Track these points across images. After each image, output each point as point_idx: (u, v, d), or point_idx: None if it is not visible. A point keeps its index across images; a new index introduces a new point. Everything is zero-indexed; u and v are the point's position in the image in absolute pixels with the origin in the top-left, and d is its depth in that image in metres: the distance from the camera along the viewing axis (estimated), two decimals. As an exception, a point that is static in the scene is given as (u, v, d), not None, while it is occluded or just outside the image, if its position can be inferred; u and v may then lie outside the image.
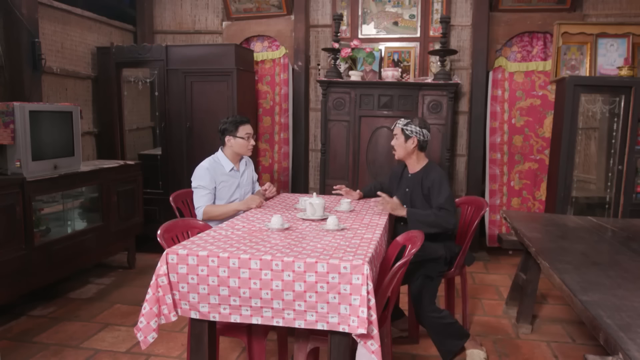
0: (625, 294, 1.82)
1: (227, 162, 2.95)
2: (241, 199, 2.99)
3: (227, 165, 2.94)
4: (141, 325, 1.92)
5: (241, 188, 3.01)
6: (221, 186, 2.89)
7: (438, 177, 2.70)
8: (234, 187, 2.96)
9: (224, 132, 2.93)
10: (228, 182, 2.93)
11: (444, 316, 2.59)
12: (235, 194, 2.96)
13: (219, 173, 2.89)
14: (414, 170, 2.83)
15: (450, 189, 2.71)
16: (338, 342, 1.85)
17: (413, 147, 2.75)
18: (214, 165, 2.90)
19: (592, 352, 2.12)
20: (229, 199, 2.93)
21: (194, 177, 2.87)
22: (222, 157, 2.96)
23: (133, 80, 4.71)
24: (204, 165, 2.89)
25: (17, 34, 3.51)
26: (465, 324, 2.97)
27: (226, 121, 2.94)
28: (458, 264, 2.84)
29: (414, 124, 2.75)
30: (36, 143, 3.10)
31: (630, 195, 3.92)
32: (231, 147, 2.94)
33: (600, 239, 2.69)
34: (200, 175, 2.85)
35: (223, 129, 2.93)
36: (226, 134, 2.92)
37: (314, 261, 1.80)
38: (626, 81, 3.84)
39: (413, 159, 2.81)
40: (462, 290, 2.98)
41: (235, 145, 2.93)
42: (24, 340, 2.84)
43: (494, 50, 4.48)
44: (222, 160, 2.95)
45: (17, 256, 2.94)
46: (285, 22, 4.81)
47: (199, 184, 2.83)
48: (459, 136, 4.73)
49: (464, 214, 3.07)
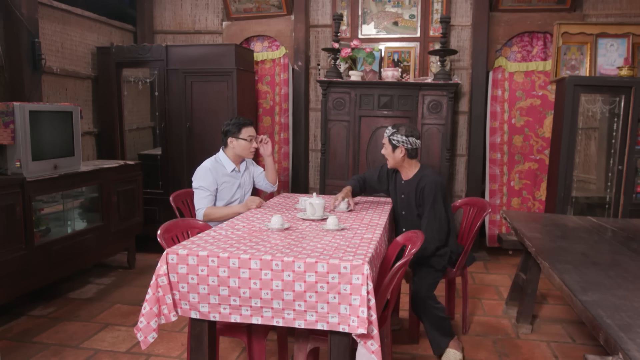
0: (625, 294, 1.82)
1: (229, 163, 2.95)
2: (242, 199, 2.99)
3: (228, 166, 2.94)
4: (141, 325, 1.92)
5: (242, 188, 3.02)
6: (223, 187, 2.89)
7: (430, 193, 2.63)
8: (235, 188, 2.97)
9: (227, 133, 2.93)
10: (229, 182, 2.93)
11: (439, 308, 2.61)
12: (236, 194, 2.97)
13: (221, 174, 2.89)
14: (408, 177, 2.79)
15: (442, 205, 2.65)
16: (338, 342, 1.85)
17: (402, 157, 2.71)
18: (216, 165, 2.90)
19: (592, 352, 2.12)
20: (230, 199, 2.93)
21: (196, 177, 2.86)
22: (223, 157, 2.96)
23: (133, 80, 4.71)
24: (206, 165, 2.88)
25: (17, 34, 3.51)
26: (465, 325, 2.98)
27: (229, 122, 2.95)
28: (460, 265, 2.84)
29: (399, 134, 2.68)
30: (36, 143, 3.10)
31: (630, 195, 3.92)
32: (233, 149, 2.94)
33: (600, 239, 2.69)
34: (202, 176, 2.84)
35: (226, 130, 2.94)
36: (229, 135, 2.92)
37: (314, 261, 1.80)
38: (626, 81, 3.84)
39: (405, 167, 2.78)
40: (463, 290, 2.98)
41: (238, 147, 2.93)
42: (24, 340, 2.84)
43: (494, 50, 4.48)
44: (223, 161, 2.95)
45: (17, 256, 2.94)
46: (285, 22, 4.81)
47: (201, 184, 2.83)
48: (459, 136, 4.73)
49: (466, 215, 3.07)
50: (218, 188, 2.87)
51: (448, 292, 3.01)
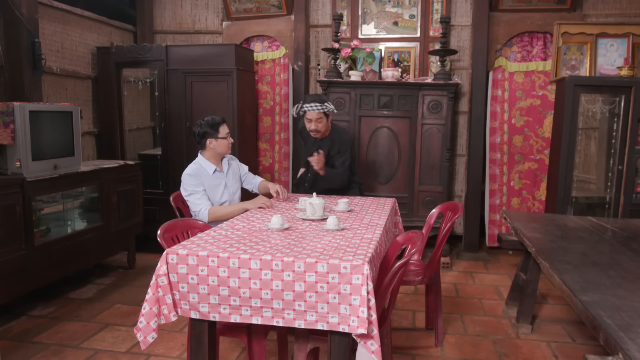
0: (625, 294, 1.82)
1: (210, 165, 2.93)
2: (230, 198, 2.98)
3: (209, 168, 2.92)
4: (141, 325, 1.92)
5: (229, 188, 2.99)
6: (208, 190, 2.88)
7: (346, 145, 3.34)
8: (222, 189, 2.95)
9: (204, 135, 2.87)
10: (213, 184, 2.91)
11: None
12: (224, 195, 2.95)
13: (204, 176, 2.88)
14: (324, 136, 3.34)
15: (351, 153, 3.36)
16: (338, 342, 1.85)
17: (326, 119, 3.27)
18: (198, 170, 2.88)
19: (592, 352, 2.12)
20: (218, 201, 2.91)
21: (183, 187, 2.84)
22: (203, 161, 2.93)
23: (133, 80, 4.71)
24: (187, 172, 2.86)
25: (17, 34, 3.51)
26: (438, 338, 2.82)
27: (203, 124, 2.88)
28: (426, 274, 2.73)
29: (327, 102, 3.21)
30: (36, 143, 3.10)
31: (630, 195, 3.92)
32: (213, 149, 2.91)
33: (600, 239, 2.69)
34: (188, 182, 2.83)
35: (202, 132, 2.87)
36: (207, 137, 2.88)
37: (314, 261, 1.80)
38: (626, 81, 3.84)
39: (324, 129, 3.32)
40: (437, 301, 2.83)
41: (218, 146, 2.91)
42: (24, 340, 2.84)
43: (494, 50, 4.48)
44: (204, 164, 2.92)
45: (17, 256, 2.94)
46: (285, 22, 4.81)
47: (190, 190, 2.81)
48: (459, 136, 4.73)
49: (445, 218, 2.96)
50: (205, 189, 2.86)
51: (427, 303, 2.97)
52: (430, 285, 2.87)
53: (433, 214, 3.02)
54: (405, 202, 4.35)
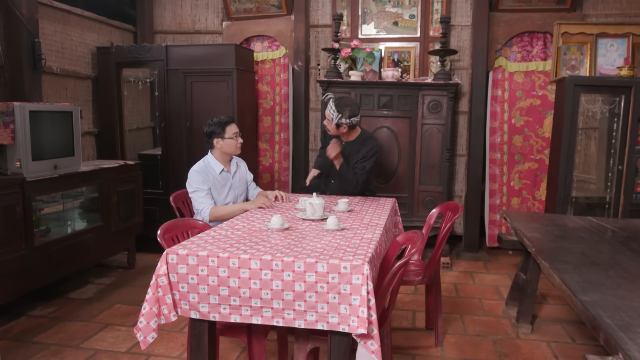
0: (625, 294, 1.82)
1: (217, 164, 2.94)
2: (234, 200, 2.98)
3: (217, 168, 2.93)
4: (141, 325, 1.92)
5: (234, 189, 3.00)
6: (213, 189, 2.89)
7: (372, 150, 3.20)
8: (227, 189, 2.95)
9: (212, 134, 2.90)
10: (220, 184, 2.92)
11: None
12: (228, 196, 2.96)
13: (210, 175, 2.89)
14: (349, 140, 3.25)
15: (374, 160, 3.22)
16: (338, 342, 1.85)
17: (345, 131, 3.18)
18: (205, 168, 2.89)
19: (592, 352, 2.12)
20: (222, 201, 2.92)
21: (189, 183, 2.86)
22: (211, 159, 2.95)
23: (133, 80, 4.71)
24: (194, 169, 2.88)
25: (17, 34, 3.51)
26: (438, 338, 2.83)
27: (211, 124, 2.91)
28: (426, 274, 2.72)
29: (344, 117, 3.08)
30: (36, 143, 3.10)
31: (630, 195, 3.92)
32: (220, 149, 2.93)
33: (600, 239, 2.69)
34: (193, 179, 2.84)
35: (210, 132, 2.91)
36: (214, 137, 2.90)
37: (314, 261, 1.80)
38: (626, 81, 3.84)
39: (345, 134, 3.22)
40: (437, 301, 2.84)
41: (225, 146, 2.92)
42: (24, 340, 2.84)
43: (494, 50, 4.48)
44: (212, 163, 2.94)
45: (17, 256, 2.94)
46: (285, 22, 4.81)
47: (195, 187, 2.82)
48: (459, 136, 4.73)
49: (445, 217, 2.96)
50: (210, 188, 2.87)
51: (427, 303, 2.98)
52: (430, 285, 2.88)
53: (433, 214, 3.02)
54: (405, 202, 4.35)
